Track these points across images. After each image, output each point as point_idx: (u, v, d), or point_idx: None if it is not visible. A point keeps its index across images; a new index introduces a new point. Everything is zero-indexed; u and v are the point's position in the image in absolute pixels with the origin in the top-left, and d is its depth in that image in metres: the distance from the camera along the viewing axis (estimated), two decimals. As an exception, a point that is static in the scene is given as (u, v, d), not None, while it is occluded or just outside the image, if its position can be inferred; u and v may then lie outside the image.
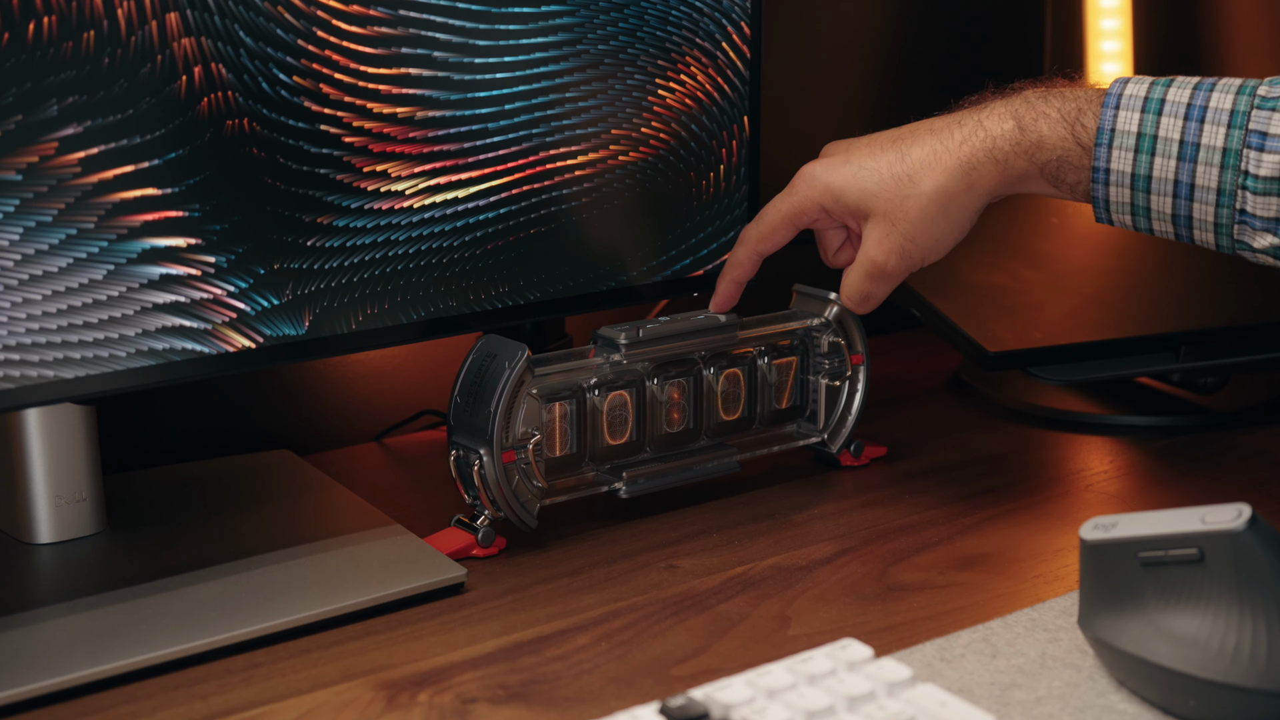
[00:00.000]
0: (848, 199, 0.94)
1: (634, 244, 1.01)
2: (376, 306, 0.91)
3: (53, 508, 0.92)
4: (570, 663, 0.80)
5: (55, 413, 0.91)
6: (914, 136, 0.93)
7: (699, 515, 1.00)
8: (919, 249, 0.94)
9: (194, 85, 0.82)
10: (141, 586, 0.86)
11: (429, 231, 0.92)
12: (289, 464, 1.07)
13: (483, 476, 0.91)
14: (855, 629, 0.83)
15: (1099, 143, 0.87)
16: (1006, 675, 0.77)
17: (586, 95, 0.96)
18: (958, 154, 0.91)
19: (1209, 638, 0.71)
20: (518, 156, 0.94)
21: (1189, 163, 0.85)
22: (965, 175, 0.91)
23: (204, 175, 0.83)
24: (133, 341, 0.82)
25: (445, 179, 0.92)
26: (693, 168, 1.02)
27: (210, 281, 0.84)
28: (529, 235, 0.96)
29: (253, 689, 0.78)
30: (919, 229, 0.93)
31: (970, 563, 0.93)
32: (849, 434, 1.07)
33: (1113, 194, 0.88)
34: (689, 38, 1.00)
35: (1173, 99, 0.86)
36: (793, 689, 0.70)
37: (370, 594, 0.85)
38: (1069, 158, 0.89)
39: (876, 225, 0.94)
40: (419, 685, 0.78)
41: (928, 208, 0.92)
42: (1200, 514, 0.73)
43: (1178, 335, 1.16)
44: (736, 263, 1.00)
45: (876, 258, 0.94)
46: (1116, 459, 1.12)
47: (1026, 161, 0.90)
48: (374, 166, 0.89)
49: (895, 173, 0.93)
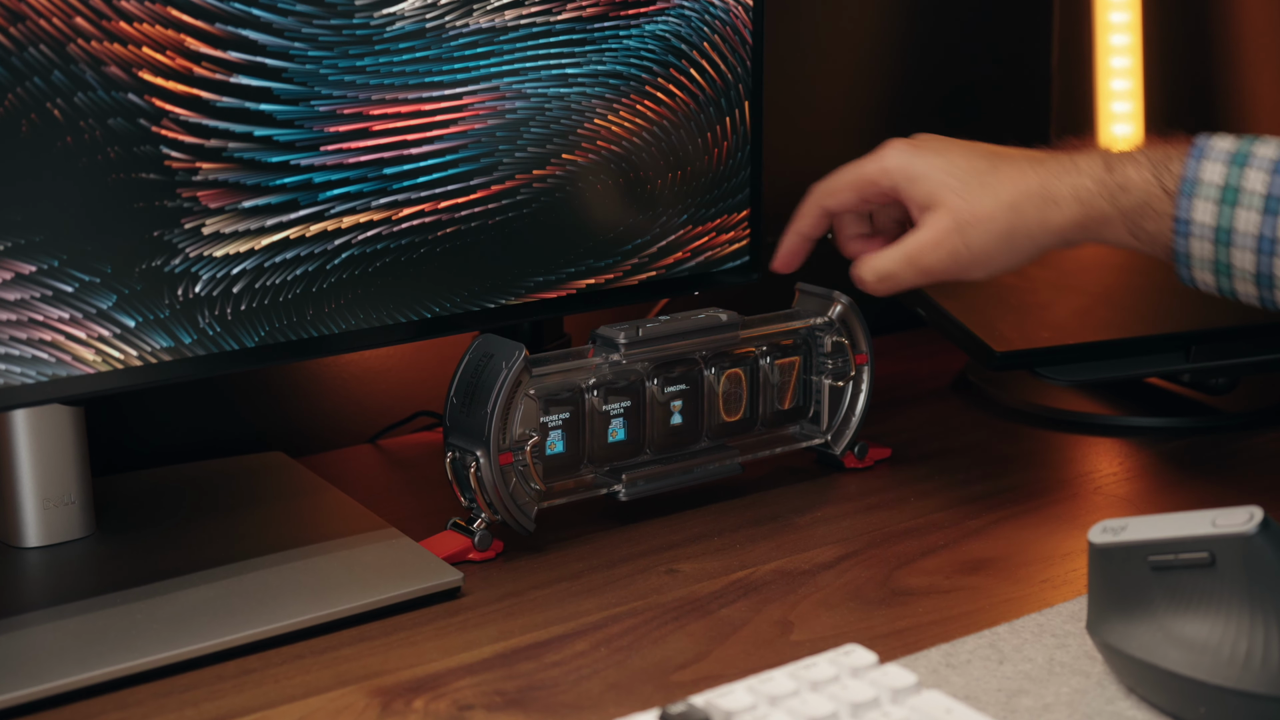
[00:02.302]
0: (924, 184, 0.94)
1: (634, 243, 1.01)
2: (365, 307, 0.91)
3: (41, 511, 0.91)
4: (569, 669, 0.80)
5: (43, 414, 0.90)
6: (1011, 154, 0.94)
7: (700, 518, 1.00)
8: (969, 256, 0.93)
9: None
10: (131, 591, 0.86)
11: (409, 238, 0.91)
12: (282, 466, 1.07)
13: (479, 479, 0.91)
14: (859, 634, 0.83)
15: (1182, 191, 0.87)
16: (1013, 682, 0.77)
17: (585, 94, 0.96)
18: (1045, 182, 0.91)
19: (1220, 643, 0.71)
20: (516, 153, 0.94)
21: (1273, 216, 0.84)
22: (1044, 205, 0.91)
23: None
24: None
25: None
26: (695, 159, 1.02)
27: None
28: (527, 234, 0.96)
29: (245, 695, 0.77)
30: (979, 236, 0.92)
31: (976, 567, 0.92)
32: (853, 435, 1.07)
33: (1194, 248, 0.87)
34: (691, 34, 1.00)
35: (1260, 154, 0.86)
36: (795, 695, 0.70)
37: (365, 598, 0.85)
38: (1152, 203, 0.88)
39: (940, 217, 0.93)
40: (414, 692, 0.78)
41: (996, 219, 0.91)
42: (1211, 517, 0.72)
43: (1188, 335, 1.15)
44: (800, 213, 1.01)
45: (925, 245, 0.93)
46: (1125, 461, 1.11)
47: (1109, 203, 0.89)
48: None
49: (981, 177, 0.92)
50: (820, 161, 1.43)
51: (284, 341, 0.88)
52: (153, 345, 0.83)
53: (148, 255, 0.82)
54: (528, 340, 1.08)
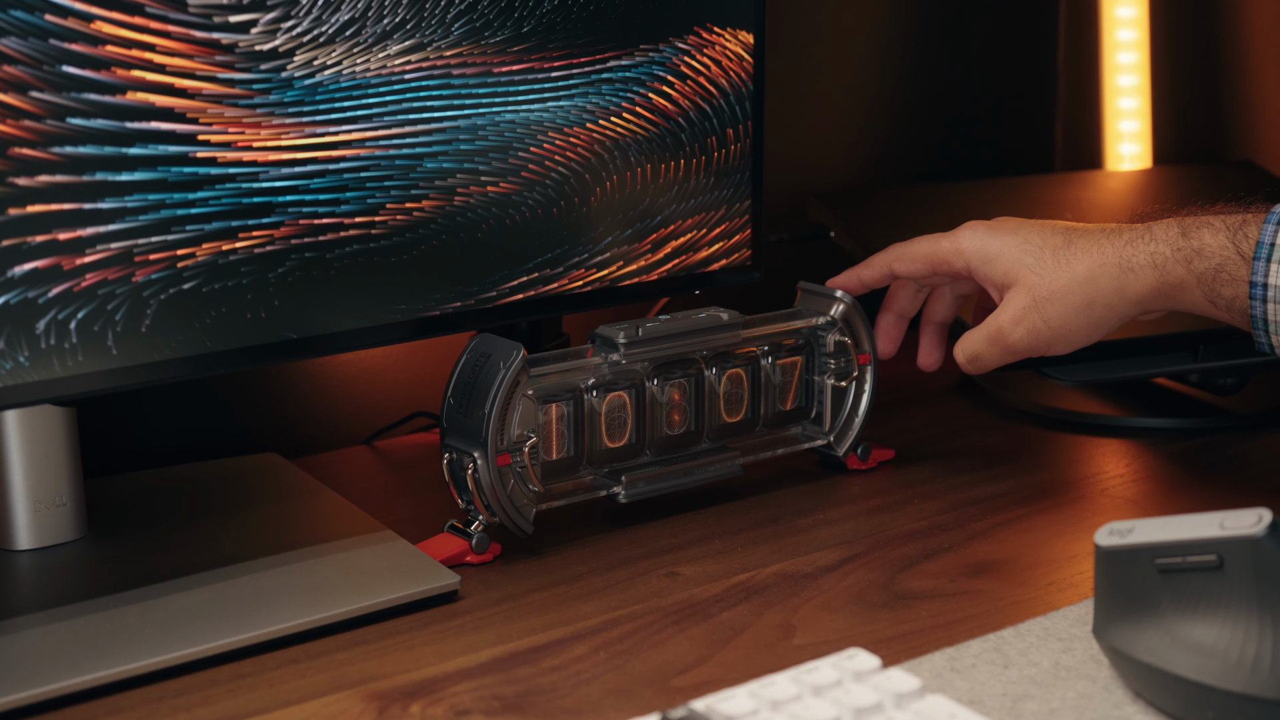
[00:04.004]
0: (1000, 264, 0.96)
1: (633, 242, 1.01)
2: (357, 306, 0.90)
3: (32, 513, 0.91)
4: (567, 673, 0.80)
5: (34, 414, 0.90)
6: (1086, 228, 0.96)
7: (700, 520, 1.00)
8: (1049, 331, 0.95)
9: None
10: (124, 594, 0.86)
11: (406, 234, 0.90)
12: (276, 467, 1.07)
13: (477, 480, 0.91)
14: (862, 638, 0.83)
15: (1258, 256, 0.88)
16: (1019, 686, 0.77)
17: (585, 95, 0.96)
18: (1120, 252, 0.93)
19: (1228, 647, 0.70)
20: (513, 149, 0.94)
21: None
22: (1120, 274, 0.92)
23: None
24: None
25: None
26: (695, 158, 1.02)
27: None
28: (525, 231, 0.96)
29: (239, 700, 0.77)
30: (1057, 311, 0.94)
31: (981, 570, 0.92)
32: (856, 436, 1.07)
33: (1271, 312, 0.88)
34: (693, 33, 1.00)
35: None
36: (798, 700, 0.70)
37: (360, 602, 0.85)
38: (1228, 266, 0.89)
39: (1019, 295, 0.96)
40: (411, 697, 0.77)
41: (1073, 292, 0.93)
42: (1219, 519, 0.72)
43: (1196, 334, 1.15)
44: (869, 264, 1.04)
45: (1004, 325, 0.96)
46: (1133, 462, 1.11)
47: (1185, 269, 0.90)
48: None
49: (1056, 253, 0.95)
50: (821, 161, 1.44)
51: (278, 341, 0.88)
52: (146, 344, 0.83)
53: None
54: (526, 340, 1.08)
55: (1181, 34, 1.53)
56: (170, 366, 0.84)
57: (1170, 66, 1.53)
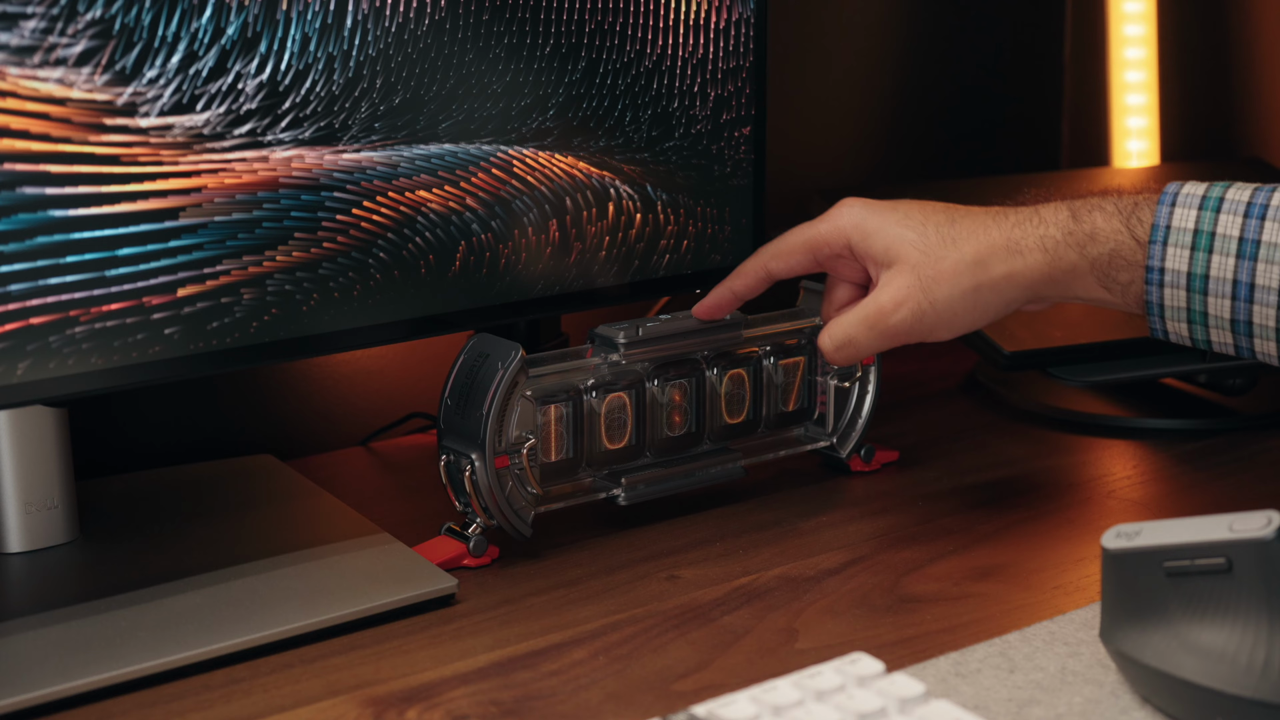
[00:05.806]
0: (879, 240, 0.92)
1: (632, 240, 1.01)
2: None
3: (23, 515, 0.91)
4: (566, 678, 0.80)
5: (26, 415, 0.90)
6: (969, 209, 0.92)
7: (701, 523, 1.00)
8: (935, 315, 0.91)
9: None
10: (116, 598, 0.86)
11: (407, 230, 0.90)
12: (271, 469, 1.07)
13: (474, 482, 0.90)
14: (866, 642, 0.83)
15: (1153, 239, 0.86)
16: (1024, 691, 0.77)
17: (585, 95, 0.96)
18: (1008, 234, 0.89)
19: (1237, 651, 0.70)
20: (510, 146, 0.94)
21: (1249, 261, 0.83)
22: (1008, 257, 0.89)
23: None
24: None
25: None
26: (697, 157, 1.02)
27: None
28: (525, 231, 0.96)
29: (233, 705, 0.77)
30: (944, 294, 0.90)
31: (986, 573, 0.92)
32: (859, 438, 1.07)
33: (1168, 297, 0.86)
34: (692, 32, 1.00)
35: (1232, 198, 0.85)
36: (800, 705, 0.69)
37: (356, 606, 0.85)
38: (1122, 251, 0.87)
39: (900, 275, 0.91)
40: (407, 702, 0.77)
41: (961, 274, 0.90)
42: (1228, 521, 0.72)
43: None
44: (740, 272, 0.98)
45: (885, 305, 0.91)
46: (1140, 464, 1.11)
47: (1077, 254, 0.88)
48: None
49: (940, 231, 0.91)
50: (823, 159, 1.43)
51: (273, 341, 0.87)
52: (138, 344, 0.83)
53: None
54: (524, 340, 1.08)
55: (1189, 29, 1.53)
56: (163, 367, 0.84)
57: (1178, 62, 1.53)
